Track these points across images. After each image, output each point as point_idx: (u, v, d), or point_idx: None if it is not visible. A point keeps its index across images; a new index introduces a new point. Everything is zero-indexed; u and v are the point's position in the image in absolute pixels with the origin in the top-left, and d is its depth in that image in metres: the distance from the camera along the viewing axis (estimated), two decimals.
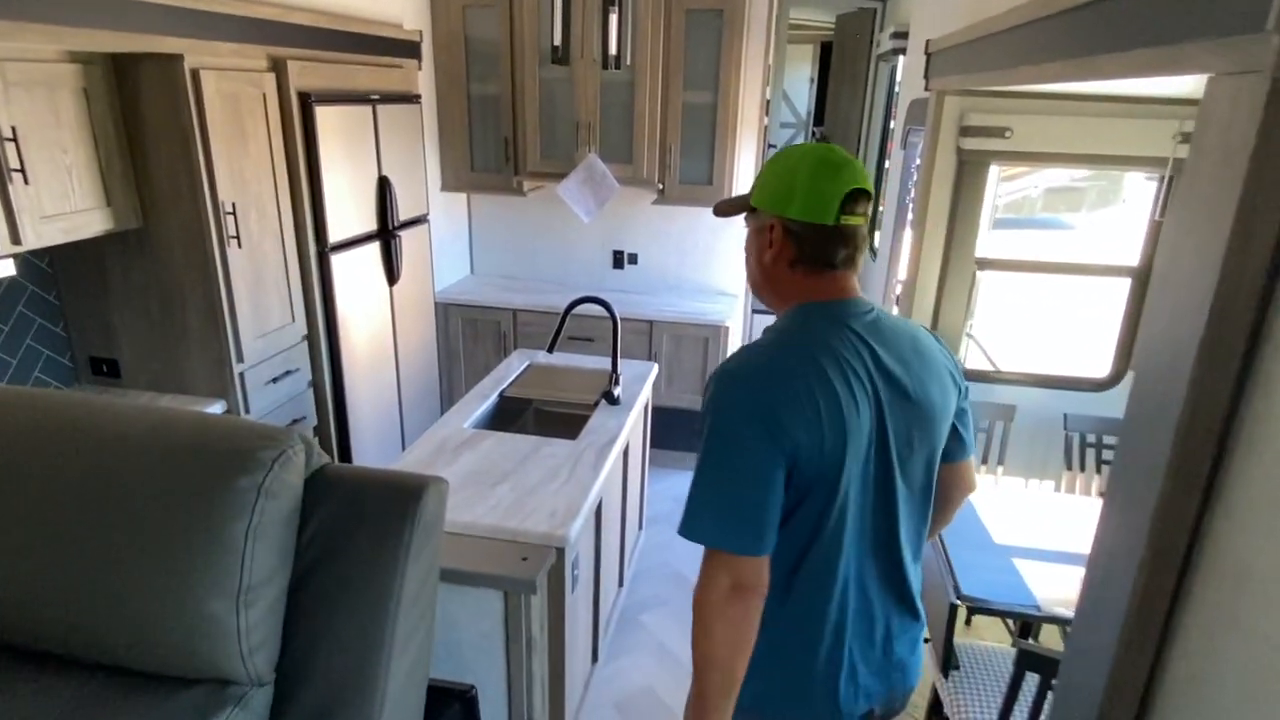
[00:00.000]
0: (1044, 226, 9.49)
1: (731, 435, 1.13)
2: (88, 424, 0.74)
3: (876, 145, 5.42)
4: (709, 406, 1.17)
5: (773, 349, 1.21)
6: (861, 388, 1.17)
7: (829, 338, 1.19)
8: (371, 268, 3.15)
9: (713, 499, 1.14)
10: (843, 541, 1.20)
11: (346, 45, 2.95)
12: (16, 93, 1.91)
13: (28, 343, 2.42)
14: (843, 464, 1.15)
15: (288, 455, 0.73)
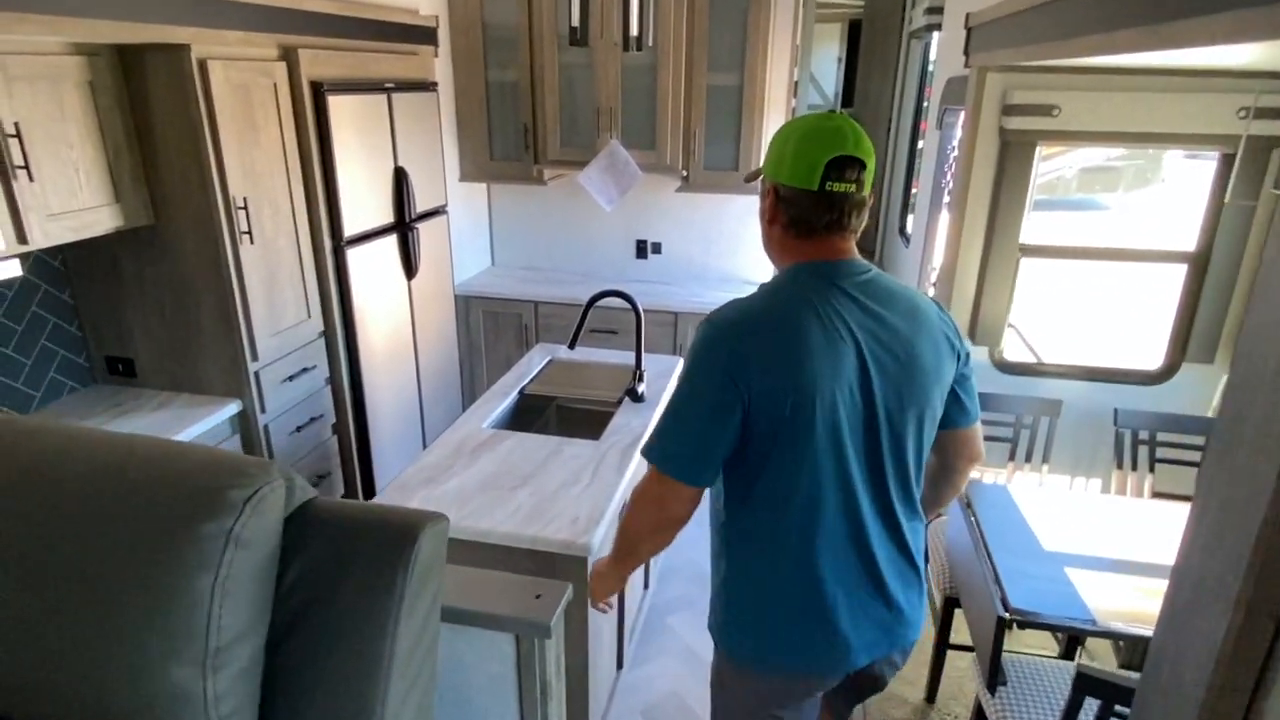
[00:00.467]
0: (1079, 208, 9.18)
1: (695, 381, 1.25)
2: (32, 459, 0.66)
3: (909, 126, 5.23)
4: (689, 351, 1.28)
5: (752, 302, 1.29)
6: (843, 342, 1.23)
7: (814, 294, 1.26)
8: (389, 261, 3.08)
9: (667, 430, 1.28)
10: (825, 490, 1.27)
11: (360, 32, 2.86)
12: (19, 87, 1.85)
13: (43, 343, 2.38)
14: (814, 412, 1.21)
15: (263, 495, 0.64)
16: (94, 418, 2.33)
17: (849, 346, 1.23)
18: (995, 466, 2.78)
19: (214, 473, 0.62)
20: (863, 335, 1.24)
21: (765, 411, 1.22)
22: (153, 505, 0.60)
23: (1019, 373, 2.85)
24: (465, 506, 1.90)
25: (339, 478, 2.97)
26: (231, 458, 0.66)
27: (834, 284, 1.27)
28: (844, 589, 1.31)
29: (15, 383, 2.29)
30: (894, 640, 1.39)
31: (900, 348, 1.27)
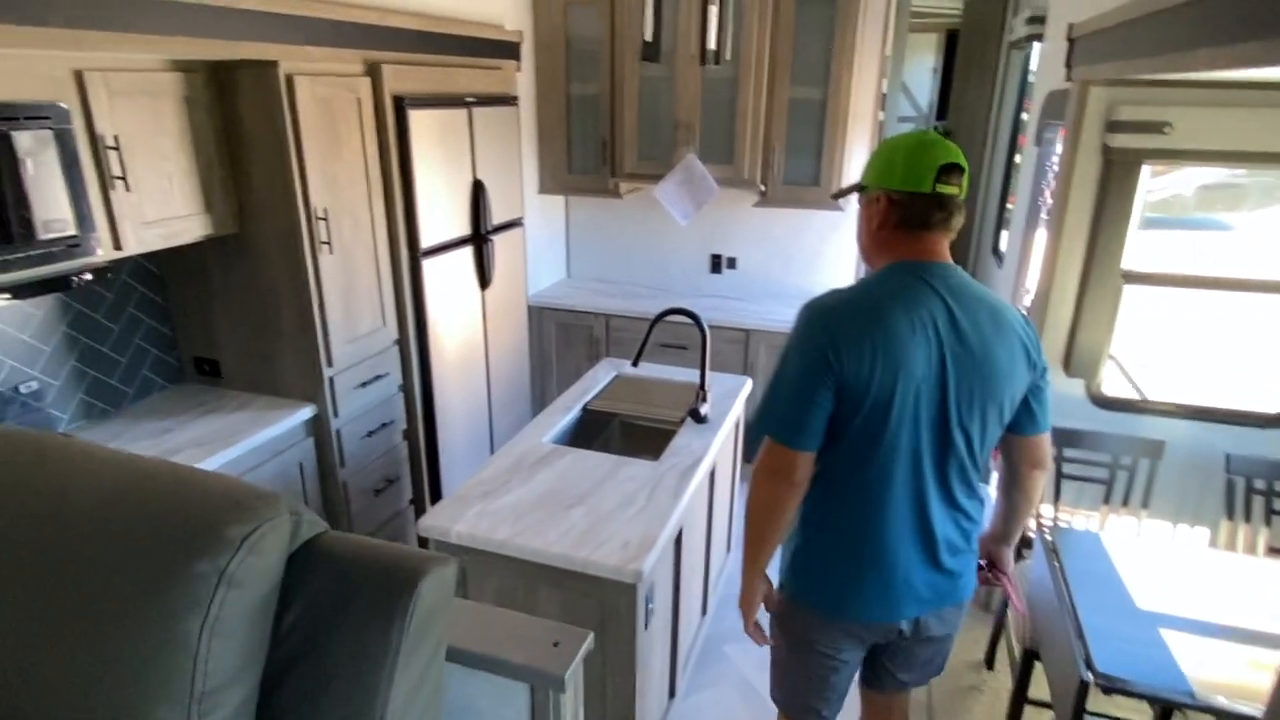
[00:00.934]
0: (1198, 228, 8.50)
1: (795, 357, 1.44)
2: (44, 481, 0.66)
3: (1006, 139, 4.97)
4: (792, 331, 1.47)
5: (850, 292, 1.47)
6: (926, 336, 1.38)
7: (905, 289, 1.42)
8: (463, 272, 3.12)
9: (772, 402, 1.46)
10: (898, 464, 1.44)
11: (444, 47, 2.92)
12: (120, 102, 1.96)
13: (137, 342, 2.51)
14: (894, 394, 1.38)
15: (263, 533, 0.62)
16: (178, 415, 2.44)
17: (931, 341, 1.39)
18: (1086, 509, 2.57)
19: (215, 507, 0.61)
20: (945, 332, 1.39)
21: (852, 390, 1.39)
22: (150, 539, 0.59)
23: (1119, 409, 2.63)
24: (519, 523, 1.88)
25: (407, 483, 3.03)
26: (239, 490, 0.65)
27: (926, 282, 1.42)
28: (901, 552, 1.49)
29: (110, 379, 2.43)
30: (941, 598, 1.57)
31: (979, 348, 1.41)
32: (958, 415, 1.42)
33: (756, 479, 1.50)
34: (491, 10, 3.37)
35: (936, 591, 1.55)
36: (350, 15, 2.41)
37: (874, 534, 1.49)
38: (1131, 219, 2.40)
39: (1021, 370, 1.45)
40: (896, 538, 1.48)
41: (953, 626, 1.65)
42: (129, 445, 2.24)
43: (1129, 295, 2.71)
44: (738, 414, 2.78)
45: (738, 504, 3.20)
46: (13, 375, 2.15)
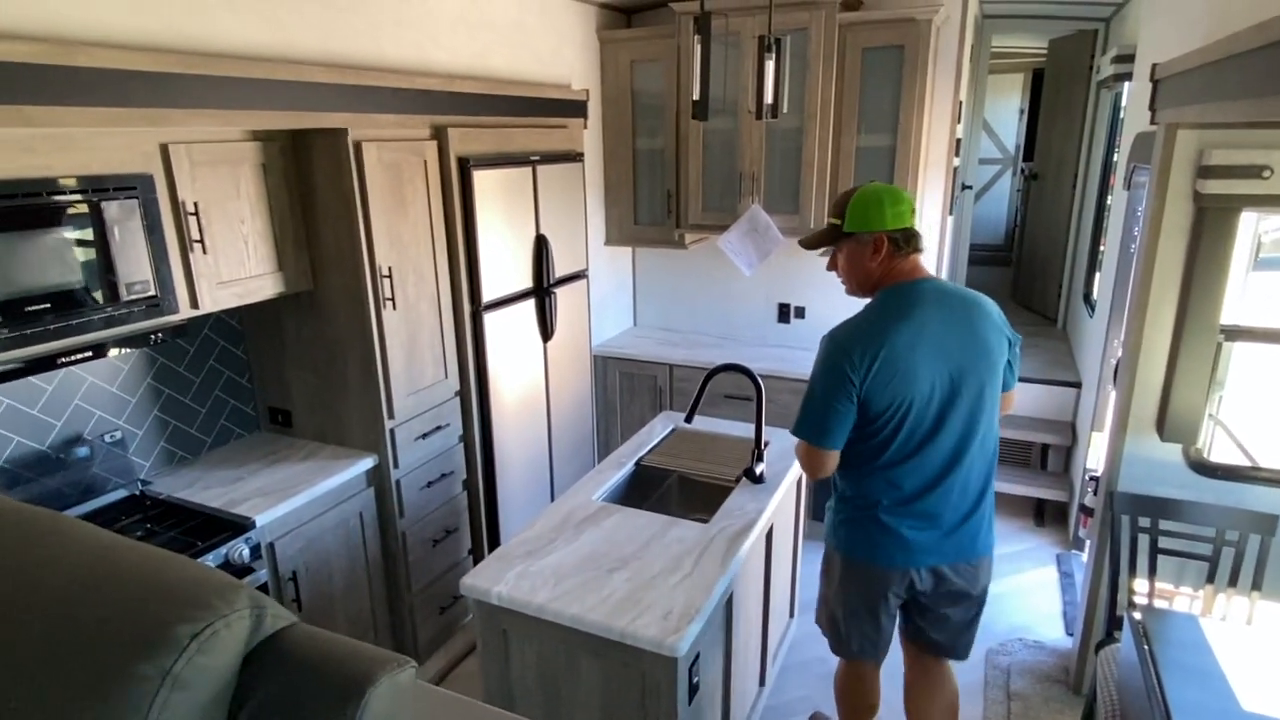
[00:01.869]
0: None
1: (820, 377, 1.84)
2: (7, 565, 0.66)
3: (1096, 182, 4.72)
4: (817, 357, 1.87)
5: (860, 320, 1.85)
6: (926, 342, 1.79)
7: (902, 308, 1.81)
8: (525, 325, 3.16)
9: (805, 413, 1.87)
10: (911, 448, 1.84)
11: (511, 109, 3.01)
12: (202, 171, 2.09)
13: (216, 393, 2.64)
14: (911, 393, 1.79)
15: (215, 630, 0.60)
16: (250, 464, 2.54)
17: (931, 343, 1.79)
18: (1187, 590, 2.33)
19: (169, 602, 0.60)
20: (940, 331, 1.80)
21: (871, 396, 1.79)
22: (101, 636, 0.58)
23: (1223, 476, 2.39)
24: (559, 586, 1.85)
25: (466, 534, 3.04)
26: (201, 583, 0.64)
27: (917, 294, 1.83)
28: (933, 508, 1.89)
29: (190, 428, 2.56)
30: (957, 552, 1.94)
31: (967, 334, 1.83)
32: (961, 393, 1.82)
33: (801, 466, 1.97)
34: (559, 72, 3.47)
35: (956, 546, 1.93)
36: (417, 83, 2.52)
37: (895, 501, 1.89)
38: (1230, 270, 2.20)
39: (1003, 345, 1.90)
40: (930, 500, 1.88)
41: (973, 583, 2.00)
42: (203, 492, 2.34)
43: (1239, 352, 2.48)
44: (798, 473, 2.68)
45: (802, 567, 3.07)
46: (100, 425, 2.29)
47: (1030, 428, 4.11)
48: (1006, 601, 3.31)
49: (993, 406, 1.88)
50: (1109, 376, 3.32)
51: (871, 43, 3.23)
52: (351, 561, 2.56)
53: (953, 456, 1.85)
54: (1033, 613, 3.23)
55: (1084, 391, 4.00)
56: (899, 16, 3.15)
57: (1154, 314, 2.34)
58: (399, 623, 2.77)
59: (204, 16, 2.00)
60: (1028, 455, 4.14)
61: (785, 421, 3.53)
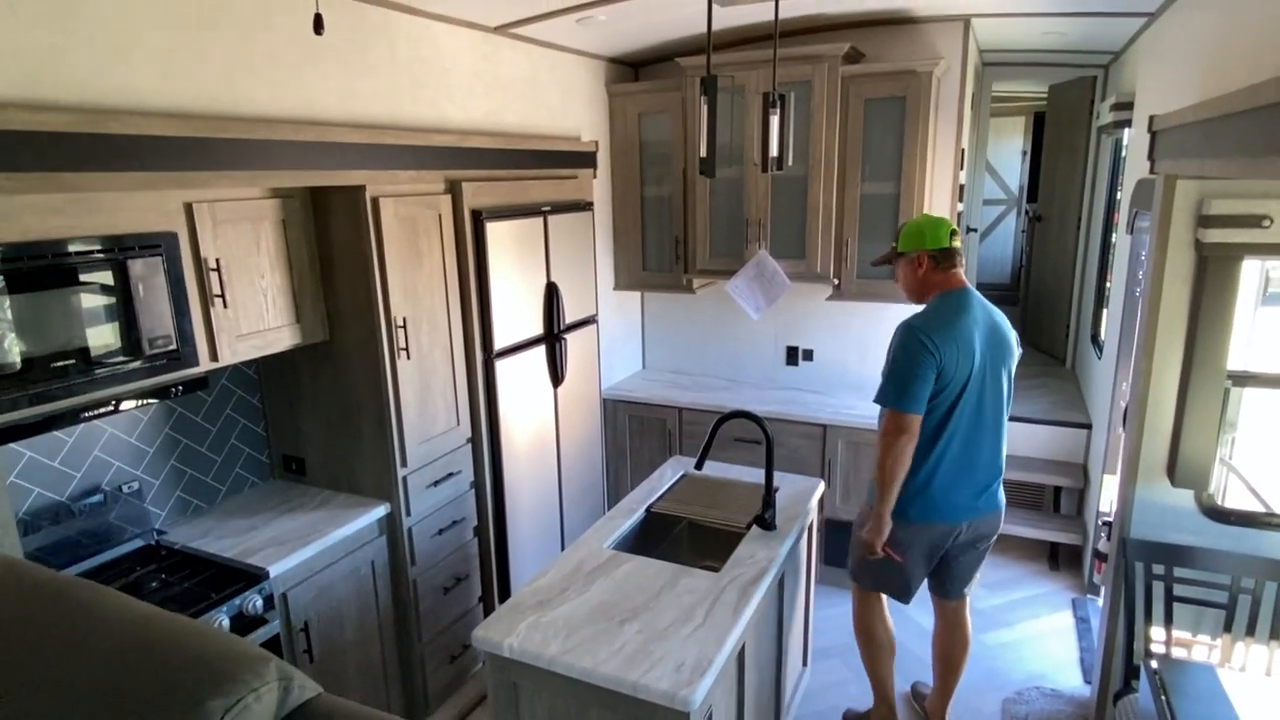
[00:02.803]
0: None
1: (905, 354, 2.29)
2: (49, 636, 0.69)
3: (1100, 224, 4.77)
4: (898, 340, 2.33)
5: (931, 314, 2.34)
6: (976, 333, 2.32)
7: (957, 308, 2.34)
8: (536, 371, 3.20)
9: (895, 383, 2.29)
10: (964, 418, 2.33)
11: (523, 162, 3.09)
12: (224, 228, 2.16)
13: (233, 442, 2.68)
14: (969, 373, 2.29)
15: (246, 704, 0.62)
16: (263, 513, 2.57)
17: (978, 335, 2.33)
18: (1205, 638, 2.31)
19: (200, 676, 0.62)
20: (980, 328, 2.34)
21: (945, 372, 2.27)
22: (135, 708, 0.60)
23: (1238, 522, 2.38)
24: (571, 639, 1.85)
25: (477, 581, 3.04)
26: (230, 654, 0.66)
27: (962, 300, 2.36)
28: (955, 477, 2.38)
29: (206, 477, 2.59)
30: (987, 506, 2.46)
31: (997, 334, 2.39)
32: (993, 381, 2.36)
33: (886, 440, 2.29)
34: (569, 124, 3.56)
35: (981, 500, 2.44)
36: (433, 140, 2.60)
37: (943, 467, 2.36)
38: (1234, 317, 2.22)
39: (1015, 348, 2.46)
40: (958, 467, 2.37)
41: (990, 530, 2.51)
42: (217, 542, 2.36)
43: (1251, 395, 2.48)
44: (810, 517, 2.68)
45: (815, 614, 3.04)
46: (118, 475, 2.33)
47: (1042, 470, 4.09)
48: (1023, 648, 3.26)
49: (1010, 391, 2.44)
50: (1119, 419, 3.32)
51: (874, 94, 3.31)
52: (363, 611, 2.57)
53: (991, 425, 2.39)
54: (1049, 660, 3.18)
55: (1094, 433, 3.99)
56: (900, 69, 3.24)
57: (1160, 359, 2.35)
58: (409, 672, 2.76)
59: (231, 82, 2.08)
60: (1040, 498, 4.11)
61: (795, 467, 3.55)
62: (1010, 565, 3.92)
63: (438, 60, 2.77)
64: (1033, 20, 3.44)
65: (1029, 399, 4.55)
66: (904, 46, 3.48)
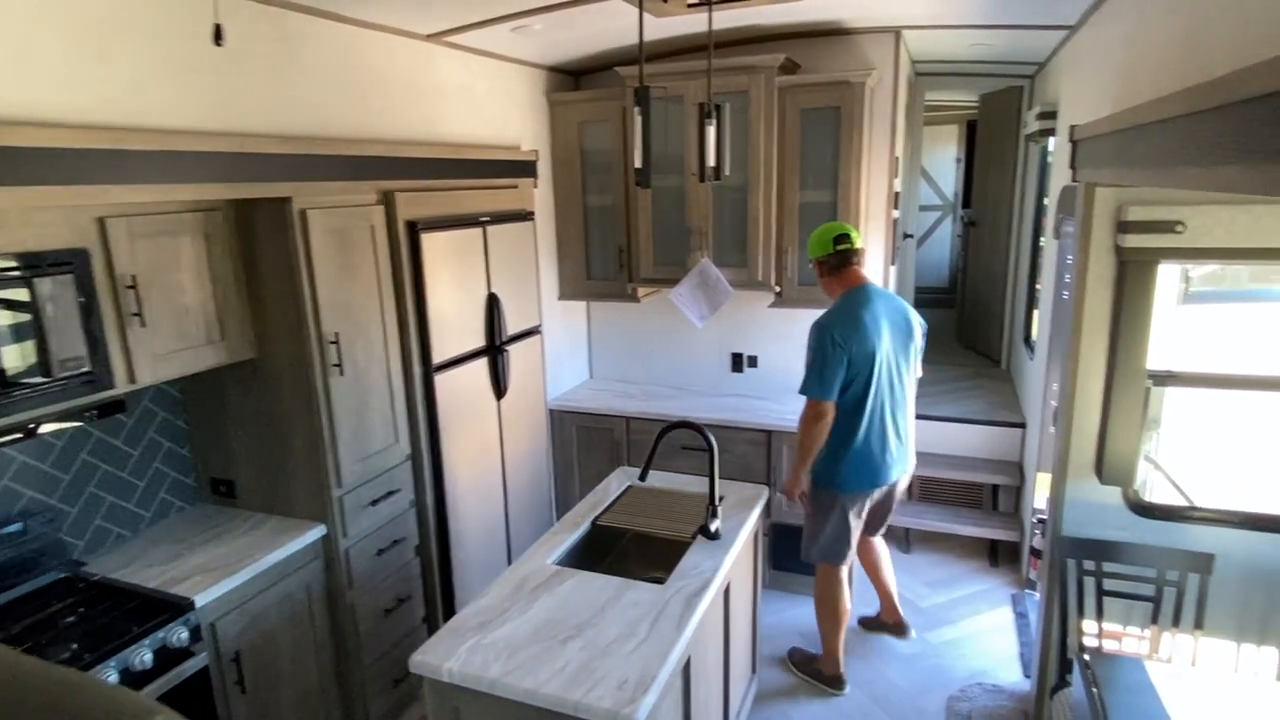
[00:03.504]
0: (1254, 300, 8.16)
1: (821, 350, 2.72)
2: None
3: (1030, 229, 4.93)
4: (813, 339, 2.77)
5: (836, 312, 2.78)
6: (876, 325, 2.75)
7: (857, 303, 2.77)
8: (478, 383, 3.15)
9: (813, 375, 2.74)
10: (879, 395, 2.78)
11: (460, 172, 3.04)
12: (141, 244, 2.06)
13: (156, 465, 2.56)
14: (873, 361, 2.73)
15: None
16: (190, 539, 2.46)
17: (880, 324, 2.76)
18: (1135, 630, 2.38)
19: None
20: (884, 317, 2.78)
21: (854, 361, 2.70)
22: None
23: (1162, 517, 2.46)
24: (513, 659, 1.81)
25: (420, 601, 2.97)
26: (113, 704, 0.61)
27: (861, 296, 2.79)
28: (880, 445, 2.82)
29: (128, 504, 2.47)
30: (902, 464, 2.95)
31: (899, 321, 2.84)
32: (896, 363, 2.82)
33: (807, 424, 2.76)
34: (508, 134, 3.53)
35: (897, 463, 2.90)
36: (364, 150, 2.54)
37: (866, 439, 2.80)
38: (1152, 319, 2.31)
39: (916, 329, 2.91)
40: (876, 440, 2.81)
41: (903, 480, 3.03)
42: (141, 571, 2.25)
43: (1176, 396, 2.57)
44: (754, 524, 2.69)
45: (762, 620, 3.05)
46: (31, 505, 2.20)
47: (980, 469, 4.19)
48: (965, 645, 3.33)
49: (914, 368, 2.93)
50: (1050, 418, 3.42)
51: (809, 104, 3.36)
52: (298, 637, 2.48)
53: (901, 397, 2.86)
54: (990, 656, 3.25)
55: (1029, 431, 4.11)
56: (834, 80, 3.29)
57: (1086, 361, 2.43)
58: (350, 699, 2.67)
59: (143, 93, 1.99)
60: (979, 496, 4.21)
61: (743, 474, 3.56)
62: (951, 563, 4.01)
63: (368, 69, 2.71)
64: (961, 32, 3.54)
65: (966, 399, 4.67)
66: (838, 57, 3.54)
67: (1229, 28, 1.38)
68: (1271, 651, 2.39)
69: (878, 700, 2.99)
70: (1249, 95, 1.05)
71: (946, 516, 4.10)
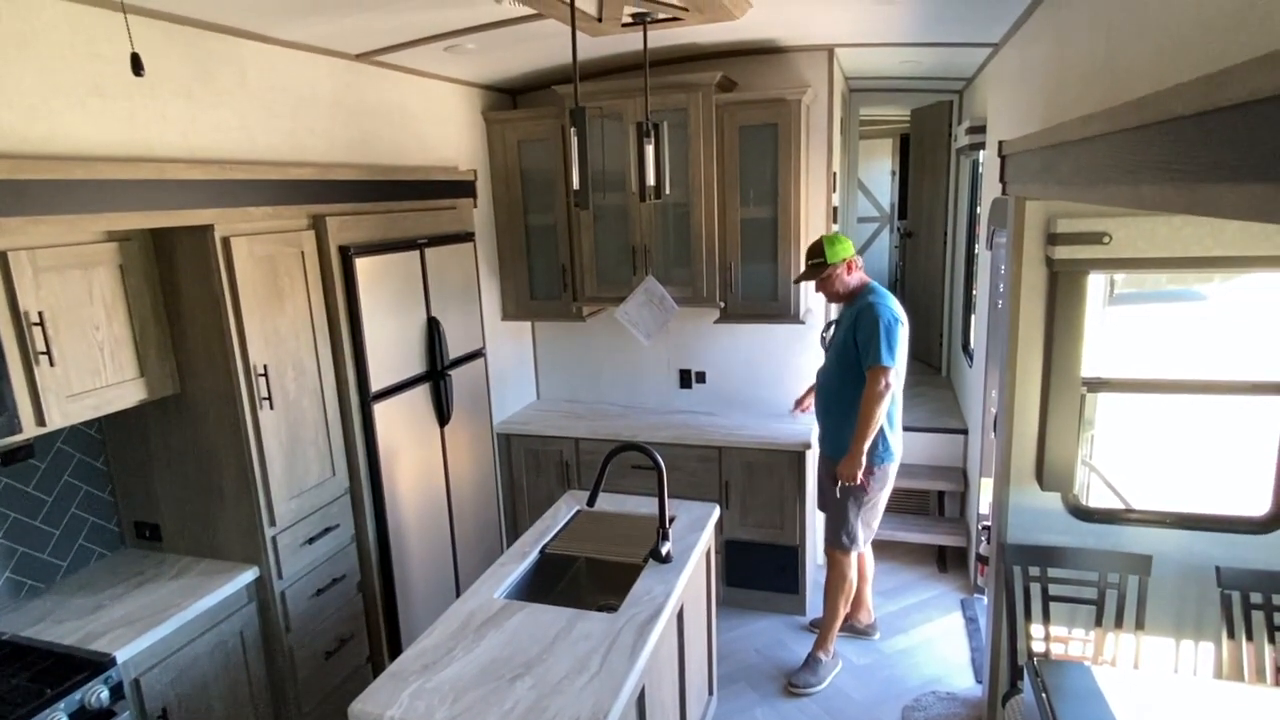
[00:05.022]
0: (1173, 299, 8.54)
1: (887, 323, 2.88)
2: None
3: (964, 239, 5.07)
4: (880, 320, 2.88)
5: (886, 299, 2.99)
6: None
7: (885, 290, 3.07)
8: (419, 411, 3.06)
9: (885, 346, 2.84)
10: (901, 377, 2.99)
11: (394, 194, 2.96)
12: (47, 277, 1.93)
13: (73, 511, 2.40)
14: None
15: None
16: (112, 588, 2.31)
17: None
18: (1080, 634, 2.43)
19: None
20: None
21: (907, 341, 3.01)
22: None
23: (1101, 520, 2.52)
24: (458, 704, 1.73)
25: (364, 639, 2.85)
26: None
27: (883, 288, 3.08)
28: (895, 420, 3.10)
29: (42, 554, 2.31)
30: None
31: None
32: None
33: (879, 392, 2.84)
34: (444, 154, 3.46)
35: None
36: (291, 174, 2.44)
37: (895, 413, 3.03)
38: (1084, 328, 2.37)
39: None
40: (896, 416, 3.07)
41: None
42: (55, 628, 2.10)
43: (1110, 401, 2.64)
44: (707, 544, 2.66)
45: (718, 639, 3.02)
46: None
47: (925, 476, 4.26)
48: (918, 653, 3.36)
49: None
50: (990, 425, 3.49)
51: (747, 121, 3.38)
52: (233, 688, 2.34)
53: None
54: (943, 663, 3.29)
55: (971, 437, 4.20)
56: (770, 97, 3.32)
57: (1023, 370, 2.48)
58: None
59: (50, 119, 1.87)
60: (925, 503, 4.28)
61: (695, 492, 3.54)
62: (901, 571, 4.05)
63: (294, 89, 2.61)
64: (890, 50, 3.62)
65: (909, 407, 4.75)
66: (774, 75, 3.58)
67: (1145, 49, 1.42)
68: (1208, 646, 2.46)
69: (834, 714, 2.98)
70: (1169, 116, 1.08)
71: (894, 524, 4.15)
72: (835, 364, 3.05)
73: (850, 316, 2.98)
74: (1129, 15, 1.53)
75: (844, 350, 2.98)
